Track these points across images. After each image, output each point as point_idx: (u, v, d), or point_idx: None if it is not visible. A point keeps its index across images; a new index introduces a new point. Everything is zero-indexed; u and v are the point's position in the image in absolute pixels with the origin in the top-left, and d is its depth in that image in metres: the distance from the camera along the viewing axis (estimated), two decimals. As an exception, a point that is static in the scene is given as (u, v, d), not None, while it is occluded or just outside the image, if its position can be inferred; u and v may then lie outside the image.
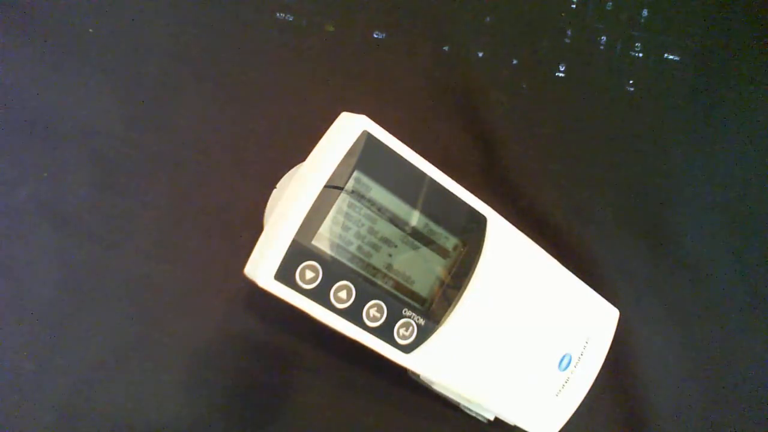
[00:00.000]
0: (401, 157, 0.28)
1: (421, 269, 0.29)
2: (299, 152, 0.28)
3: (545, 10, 0.42)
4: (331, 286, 0.27)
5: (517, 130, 0.40)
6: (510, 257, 0.30)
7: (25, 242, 0.34)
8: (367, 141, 0.27)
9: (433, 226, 0.28)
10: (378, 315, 0.27)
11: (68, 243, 0.35)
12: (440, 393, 0.31)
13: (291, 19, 0.39)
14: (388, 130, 0.28)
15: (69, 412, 0.33)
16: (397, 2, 0.40)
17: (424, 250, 0.28)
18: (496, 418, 0.32)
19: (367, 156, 0.27)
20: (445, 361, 0.29)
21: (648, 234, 0.40)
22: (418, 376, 0.30)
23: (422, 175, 0.28)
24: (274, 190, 0.33)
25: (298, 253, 0.26)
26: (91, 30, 0.37)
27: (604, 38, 0.41)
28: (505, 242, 0.30)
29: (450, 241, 0.29)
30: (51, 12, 0.37)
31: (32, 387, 0.33)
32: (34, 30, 0.36)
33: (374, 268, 0.28)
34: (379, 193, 0.27)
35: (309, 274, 0.26)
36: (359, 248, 0.27)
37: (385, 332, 0.28)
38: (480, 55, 0.40)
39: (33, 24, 0.37)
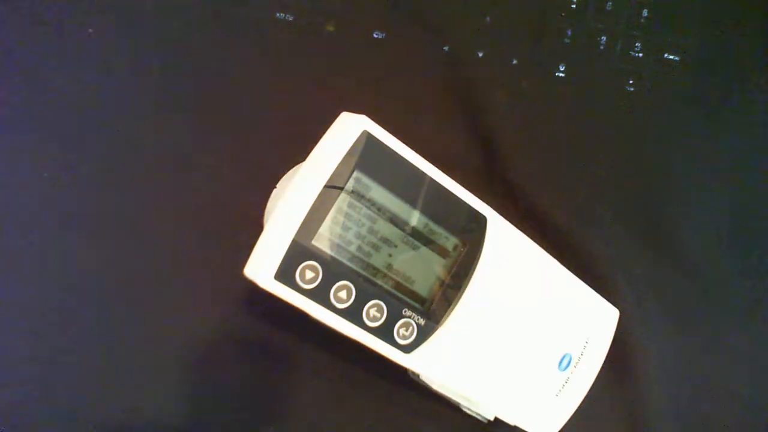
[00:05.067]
0: (401, 157, 0.28)
1: (421, 269, 0.28)
2: (299, 152, 0.28)
3: (545, 10, 0.41)
4: (331, 286, 0.27)
5: (517, 130, 0.40)
6: (510, 257, 0.30)
7: (25, 242, 0.34)
8: (367, 141, 0.27)
9: (433, 226, 0.28)
10: (378, 315, 0.27)
11: (68, 243, 0.35)
12: (440, 393, 0.31)
13: (291, 19, 0.39)
14: (388, 130, 0.28)
15: (69, 412, 0.33)
16: (397, 2, 0.40)
17: (424, 250, 0.28)
18: (496, 418, 0.32)
19: (367, 156, 0.27)
20: (445, 361, 0.29)
21: (648, 234, 0.40)
22: (418, 376, 0.30)
23: (422, 175, 0.28)
24: (274, 190, 0.33)
25: (298, 253, 0.26)
26: (91, 30, 0.37)
27: (604, 38, 0.41)
28: (505, 242, 0.30)
29: (450, 241, 0.29)
30: (51, 12, 0.37)
31: (32, 387, 0.33)
32: (35, 30, 0.36)
33: (374, 268, 0.28)
34: (379, 193, 0.27)
35: (309, 274, 0.26)
36: (359, 248, 0.27)
37: (385, 332, 0.28)
38: (480, 55, 0.40)
39: (33, 24, 0.37)
